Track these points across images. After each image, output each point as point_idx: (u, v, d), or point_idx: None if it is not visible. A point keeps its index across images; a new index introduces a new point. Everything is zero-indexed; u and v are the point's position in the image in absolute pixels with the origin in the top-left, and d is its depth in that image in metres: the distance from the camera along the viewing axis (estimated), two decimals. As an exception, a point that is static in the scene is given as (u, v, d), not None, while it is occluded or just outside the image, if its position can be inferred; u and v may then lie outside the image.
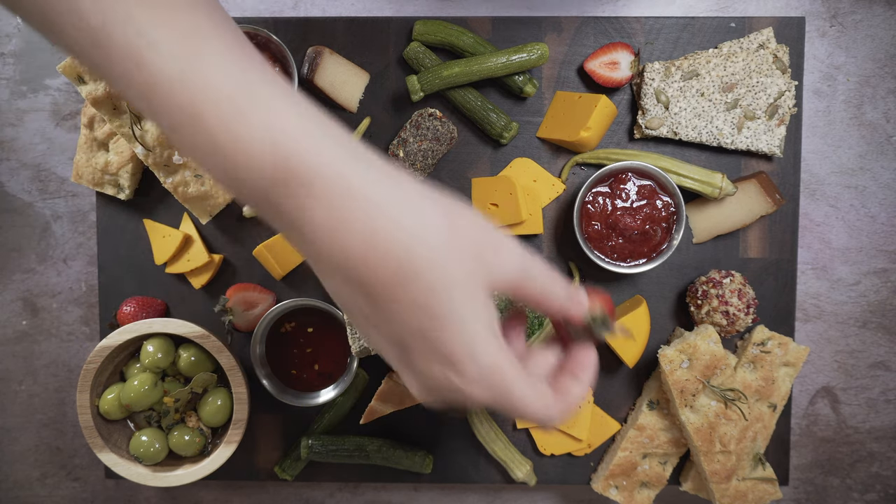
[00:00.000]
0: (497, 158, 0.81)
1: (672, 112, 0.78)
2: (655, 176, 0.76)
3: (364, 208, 0.36)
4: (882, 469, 0.85)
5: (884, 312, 0.84)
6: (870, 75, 0.82)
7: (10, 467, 0.88)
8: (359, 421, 0.82)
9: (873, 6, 0.82)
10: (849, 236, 0.83)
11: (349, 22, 0.80)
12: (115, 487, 0.88)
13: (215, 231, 0.82)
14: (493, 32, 0.80)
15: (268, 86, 0.37)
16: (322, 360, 0.81)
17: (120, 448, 0.79)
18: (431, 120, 0.75)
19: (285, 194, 0.36)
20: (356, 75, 0.79)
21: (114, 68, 0.35)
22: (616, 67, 0.78)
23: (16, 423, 0.88)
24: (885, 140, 0.83)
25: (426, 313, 0.38)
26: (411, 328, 0.39)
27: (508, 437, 0.83)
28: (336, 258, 0.37)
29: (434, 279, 0.37)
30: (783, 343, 0.77)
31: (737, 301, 0.76)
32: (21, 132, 0.84)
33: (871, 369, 0.85)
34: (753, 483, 0.78)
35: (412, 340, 0.39)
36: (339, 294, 0.40)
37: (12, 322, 0.87)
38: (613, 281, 0.82)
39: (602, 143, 0.81)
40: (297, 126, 0.36)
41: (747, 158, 0.80)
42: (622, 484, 0.80)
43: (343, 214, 0.36)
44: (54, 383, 0.87)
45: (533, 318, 0.77)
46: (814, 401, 0.85)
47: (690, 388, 0.75)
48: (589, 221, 0.77)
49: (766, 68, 0.76)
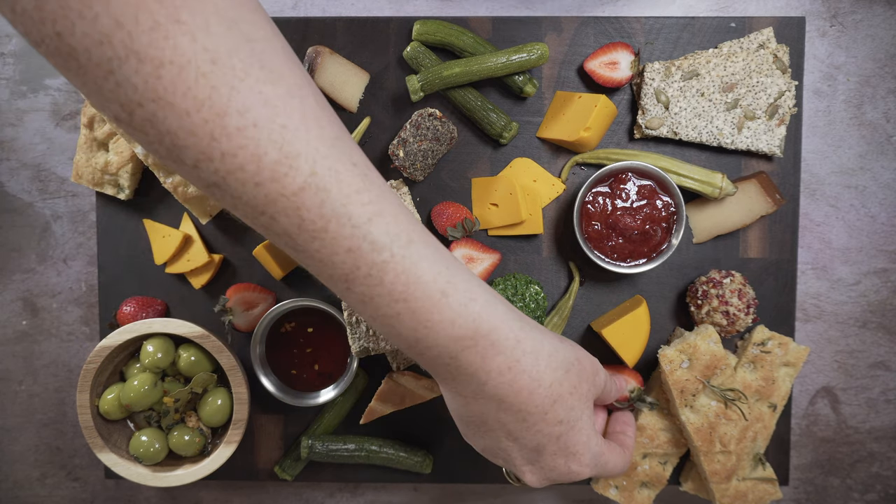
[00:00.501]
0: (497, 158, 0.81)
1: (672, 112, 0.78)
2: (655, 176, 0.76)
3: (530, 356, 0.51)
4: (882, 469, 0.85)
5: (884, 312, 0.84)
6: (870, 75, 0.82)
7: (10, 467, 0.88)
8: (359, 421, 0.82)
9: (873, 6, 0.82)
10: (849, 236, 0.83)
11: (349, 22, 0.80)
12: (115, 487, 0.88)
13: (215, 231, 0.82)
14: (493, 32, 0.80)
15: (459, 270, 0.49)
16: (322, 360, 0.81)
17: (120, 448, 0.79)
18: (431, 120, 0.75)
19: (472, 351, 0.49)
20: (356, 75, 0.79)
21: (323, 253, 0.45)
22: (616, 67, 0.78)
23: (16, 423, 0.88)
24: (885, 140, 0.83)
25: (564, 424, 0.54)
26: (550, 435, 0.54)
27: (508, 437, 0.83)
28: (503, 392, 0.51)
29: (573, 401, 0.54)
30: (783, 343, 0.77)
31: (737, 301, 0.76)
32: (21, 132, 0.84)
33: (871, 369, 0.85)
34: (753, 483, 0.78)
35: (548, 443, 0.54)
36: (485, 415, 0.53)
37: (12, 322, 0.87)
38: (613, 281, 0.82)
39: (602, 143, 0.81)
40: (484, 301, 0.49)
41: (747, 158, 0.80)
42: (622, 484, 0.80)
43: (515, 361, 0.50)
44: (54, 383, 0.87)
45: (533, 318, 0.77)
46: (814, 401, 0.85)
47: (690, 388, 0.75)
48: (589, 221, 0.77)
49: (766, 68, 0.76)
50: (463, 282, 0.49)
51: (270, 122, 0.40)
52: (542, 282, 0.82)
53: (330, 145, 0.43)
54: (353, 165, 0.44)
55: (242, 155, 0.40)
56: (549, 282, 0.82)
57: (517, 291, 0.76)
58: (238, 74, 0.39)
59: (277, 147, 0.40)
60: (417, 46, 0.78)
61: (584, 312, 0.82)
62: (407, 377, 0.80)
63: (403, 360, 0.80)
